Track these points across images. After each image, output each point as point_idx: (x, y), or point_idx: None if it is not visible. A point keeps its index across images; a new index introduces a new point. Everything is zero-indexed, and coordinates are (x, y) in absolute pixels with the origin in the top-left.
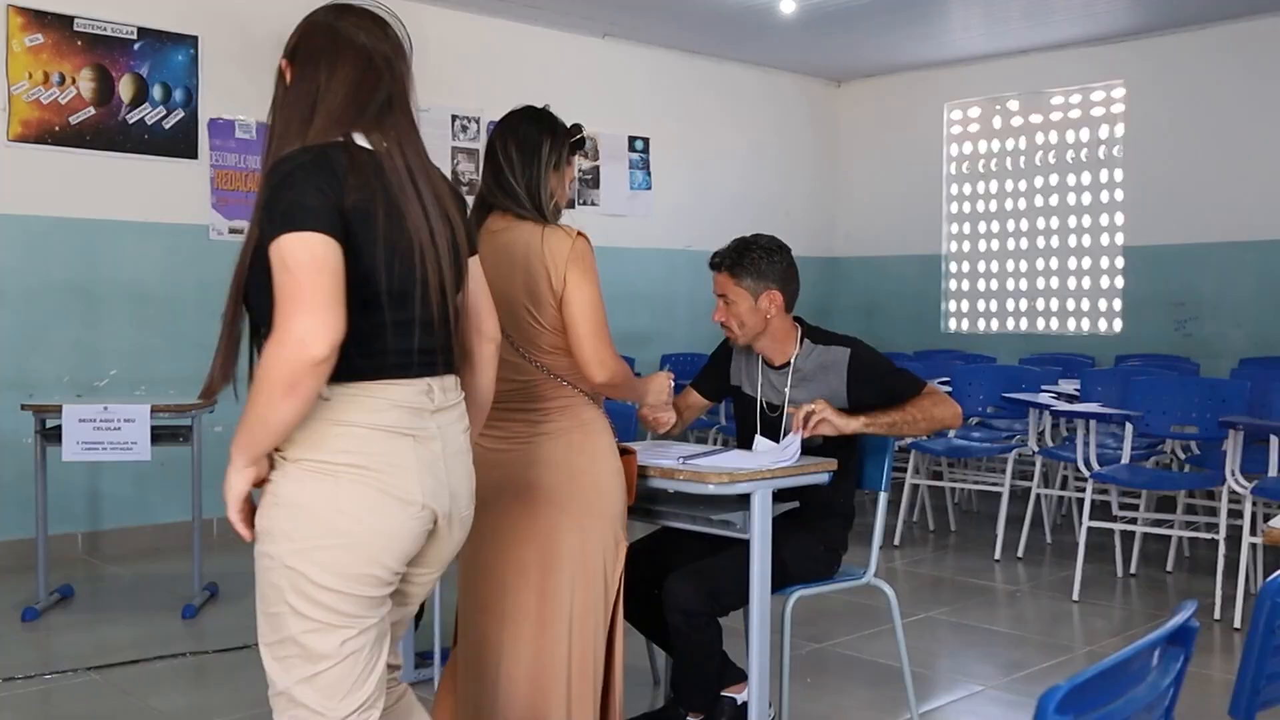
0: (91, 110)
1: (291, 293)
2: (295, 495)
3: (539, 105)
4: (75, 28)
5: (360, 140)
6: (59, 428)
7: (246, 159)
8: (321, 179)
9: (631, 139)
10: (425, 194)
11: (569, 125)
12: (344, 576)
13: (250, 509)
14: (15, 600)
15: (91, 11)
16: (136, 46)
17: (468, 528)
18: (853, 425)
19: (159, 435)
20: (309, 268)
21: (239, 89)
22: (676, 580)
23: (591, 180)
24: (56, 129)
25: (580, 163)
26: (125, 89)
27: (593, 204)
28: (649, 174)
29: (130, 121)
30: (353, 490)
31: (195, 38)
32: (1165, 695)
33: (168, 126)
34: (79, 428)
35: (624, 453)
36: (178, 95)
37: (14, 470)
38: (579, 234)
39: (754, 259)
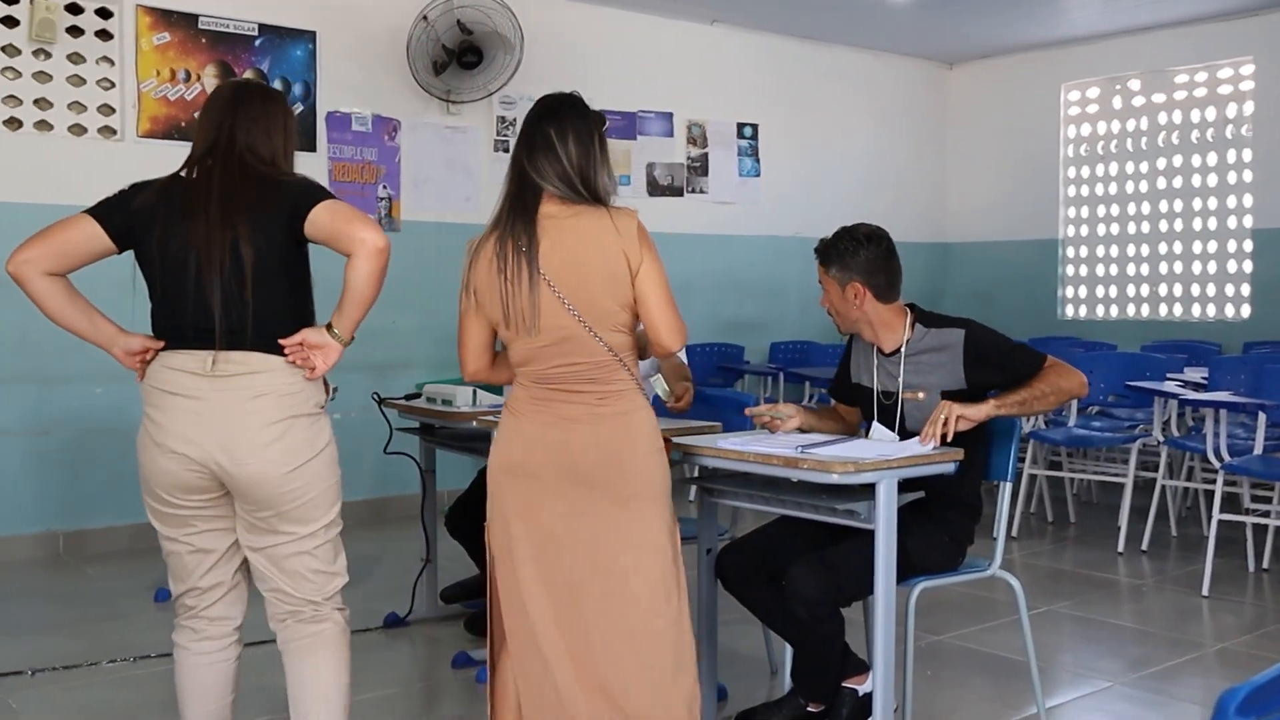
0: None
1: None
2: None
3: (576, 91)
4: (200, 26)
5: (183, 172)
6: None
7: (363, 151)
8: (126, 193)
9: (740, 126)
10: (214, 210)
11: (599, 113)
12: (144, 493)
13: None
14: (148, 581)
15: (215, 10)
16: (258, 43)
17: (267, 479)
18: (984, 411)
19: None
20: (57, 222)
21: (355, 83)
22: (799, 570)
23: (700, 168)
24: (183, 124)
25: (690, 151)
26: None
27: (701, 191)
28: (758, 161)
29: None
30: (141, 432)
31: (313, 33)
32: None
33: None
34: None
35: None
36: (297, 90)
37: None
38: (636, 211)
39: (841, 250)
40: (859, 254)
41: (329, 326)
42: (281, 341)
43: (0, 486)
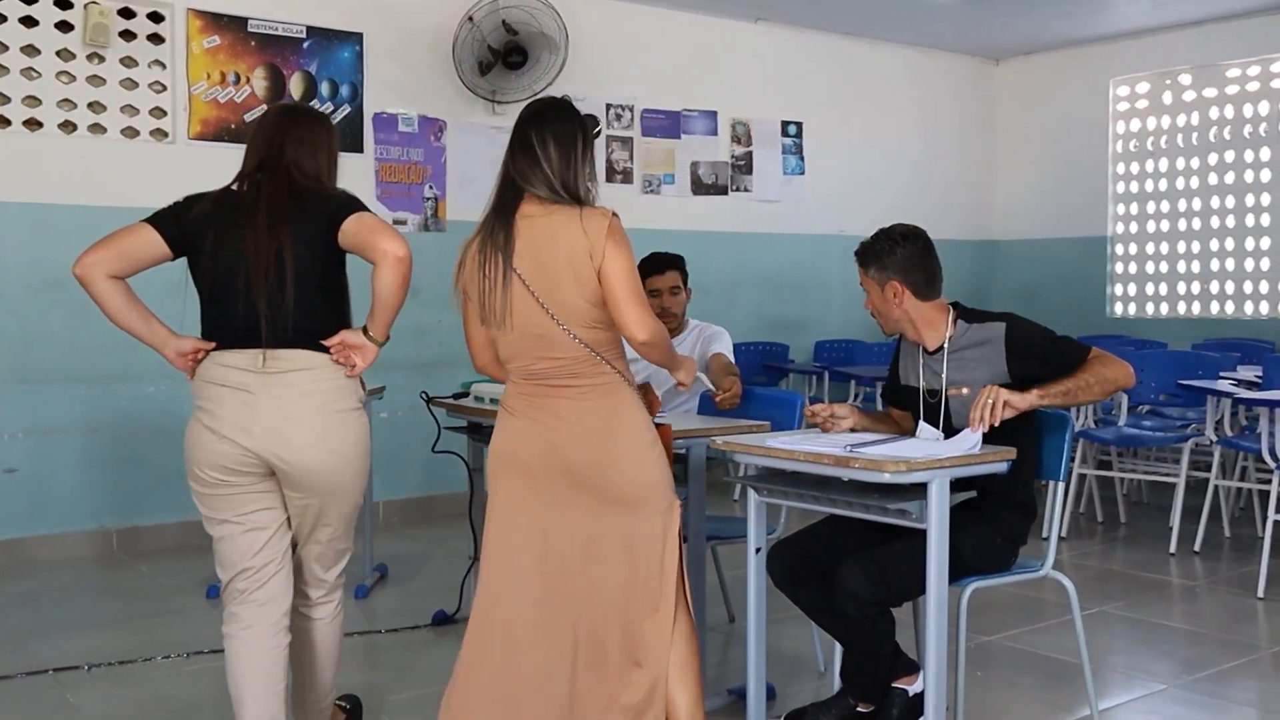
0: (264, 108)
1: None
2: None
3: (563, 95)
4: (249, 29)
5: (234, 186)
6: None
7: (409, 152)
8: (182, 204)
9: (784, 124)
10: (262, 222)
11: (588, 116)
12: (190, 479)
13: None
14: (199, 578)
15: (264, 13)
16: (305, 45)
17: (320, 469)
18: (1028, 400)
19: None
20: (119, 230)
21: (401, 84)
22: (850, 569)
23: (744, 166)
24: (232, 126)
25: (734, 149)
26: (295, 86)
27: (745, 190)
28: (802, 159)
29: None
30: (193, 420)
31: (360, 35)
32: None
33: (335, 122)
34: None
35: (658, 426)
36: (344, 91)
37: None
38: (613, 213)
39: (878, 250)
40: (895, 253)
41: (365, 330)
42: (325, 341)
43: (55, 484)
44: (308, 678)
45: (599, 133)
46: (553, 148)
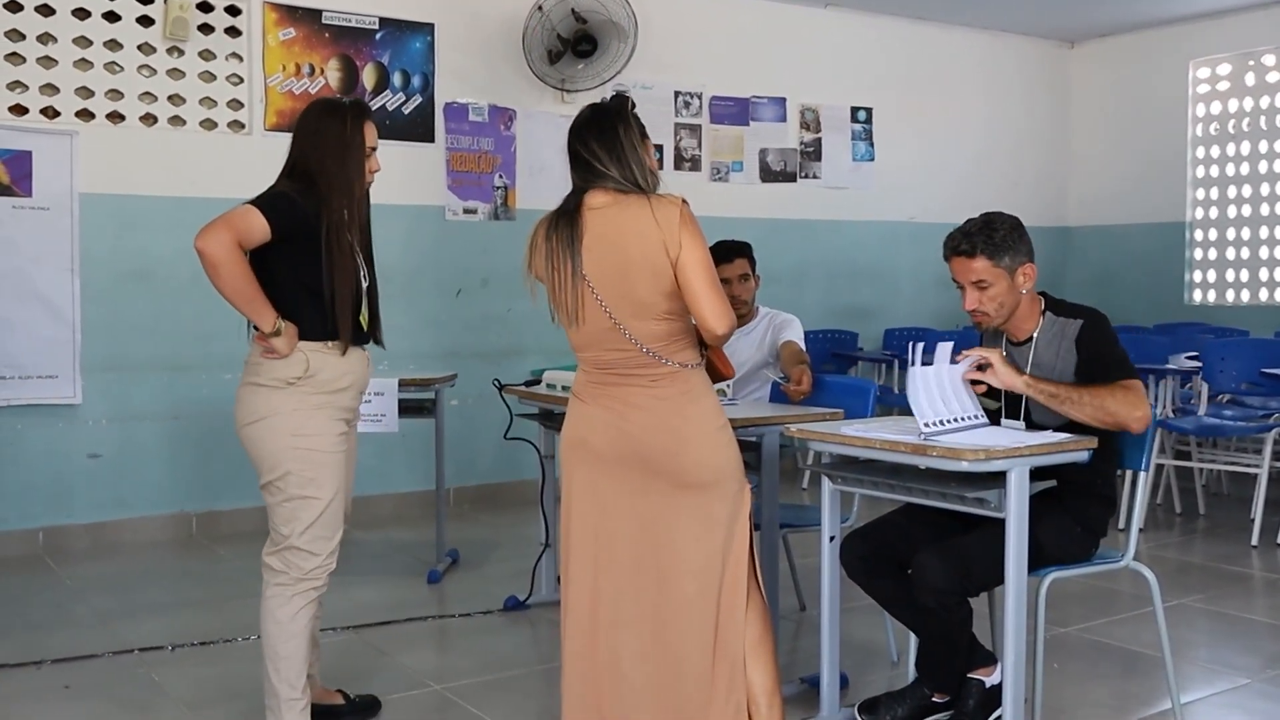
0: (339, 99)
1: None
2: None
3: (600, 99)
4: (323, 21)
5: None
6: None
7: (479, 141)
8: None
9: (854, 110)
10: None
11: (619, 96)
12: None
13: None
14: None
15: (338, 5)
16: (378, 36)
17: (240, 434)
18: (1015, 383)
19: (404, 408)
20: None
21: (472, 74)
22: (928, 558)
23: (813, 153)
24: None
25: (803, 136)
26: (368, 77)
27: (814, 177)
28: (872, 145)
29: (373, 108)
30: None
31: (431, 25)
32: None
33: (406, 112)
34: None
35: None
36: (416, 81)
37: None
38: (683, 200)
39: (1004, 235)
40: (1022, 234)
41: None
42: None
43: (137, 469)
44: None
45: (633, 106)
46: (599, 150)
